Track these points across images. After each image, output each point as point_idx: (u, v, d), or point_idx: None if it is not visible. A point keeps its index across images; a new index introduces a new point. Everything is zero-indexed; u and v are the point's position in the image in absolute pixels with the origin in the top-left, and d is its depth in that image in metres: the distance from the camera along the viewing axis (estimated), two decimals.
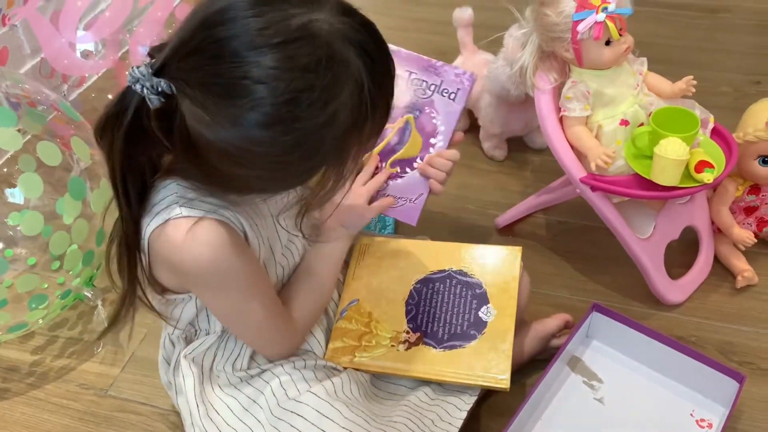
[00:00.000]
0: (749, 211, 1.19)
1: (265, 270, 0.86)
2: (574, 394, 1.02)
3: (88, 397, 1.08)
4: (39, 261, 1.11)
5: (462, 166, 1.42)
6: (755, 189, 1.17)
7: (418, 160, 0.94)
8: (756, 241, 1.16)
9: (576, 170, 1.07)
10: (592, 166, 1.04)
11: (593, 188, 1.06)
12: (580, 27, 0.99)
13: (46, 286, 1.06)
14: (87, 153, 1.08)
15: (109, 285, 1.22)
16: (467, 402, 0.91)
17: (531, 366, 1.05)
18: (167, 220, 0.75)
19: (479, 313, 0.92)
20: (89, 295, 1.11)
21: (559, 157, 1.08)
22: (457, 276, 0.96)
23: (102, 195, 1.08)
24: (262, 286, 0.83)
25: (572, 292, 1.19)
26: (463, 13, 1.45)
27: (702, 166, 1.00)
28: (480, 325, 0.92)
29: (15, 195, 1.07)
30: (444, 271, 0.97)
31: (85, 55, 1.32)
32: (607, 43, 1.02)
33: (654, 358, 1.02)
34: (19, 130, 1.00)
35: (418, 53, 0.94)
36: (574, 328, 1.04)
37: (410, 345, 0.92)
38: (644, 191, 1.02)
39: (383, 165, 0.95)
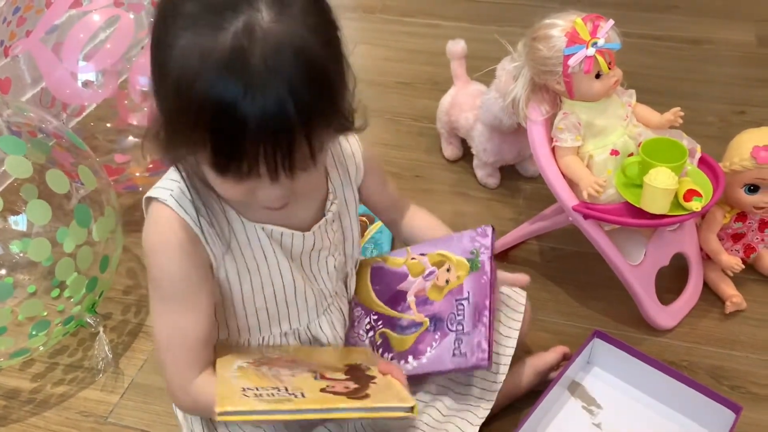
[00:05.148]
0: (737, 237, 1.23)
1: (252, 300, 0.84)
2: (573, 418, 1.03)
3: (88, 424, 1.08)
4: (38, 288, 1.12)
5: (456, 194, 1.47)
6: (742, 216, 1.20)
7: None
8: (744, 267, 1.19)
9: (568, 199, 1.10)
10: (584, 195, 1.06)
11: (585, 216, 1.09)
12: (571, 61, 1.03)
13: (45, 313, 1.06)
14: (93, 181, 1.10)
15: (110, 311, 1.25)
16: (480, 416, 0.92)
17: (528, 397, 1.06)
18: (156, 199, 0.78)
19: None
20: (91, 322, 1.11)
21: (552, 186, 1.11)
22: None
23: (106, 222, 1.09)
24: (181, 308, 0.79)
25: (566, 317, 1.21)
26: (456, 46, 1.48)
27: (691, 194, 1.03)
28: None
29: (18, 222, 1.08)
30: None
31: (86, 84, 1.35)
32: (597, 76, 1.05)
33: (654, 386, 1.04)
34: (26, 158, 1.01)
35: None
36: (575, 353, 1.05)
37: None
38: (635, 219, 1.05)
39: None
